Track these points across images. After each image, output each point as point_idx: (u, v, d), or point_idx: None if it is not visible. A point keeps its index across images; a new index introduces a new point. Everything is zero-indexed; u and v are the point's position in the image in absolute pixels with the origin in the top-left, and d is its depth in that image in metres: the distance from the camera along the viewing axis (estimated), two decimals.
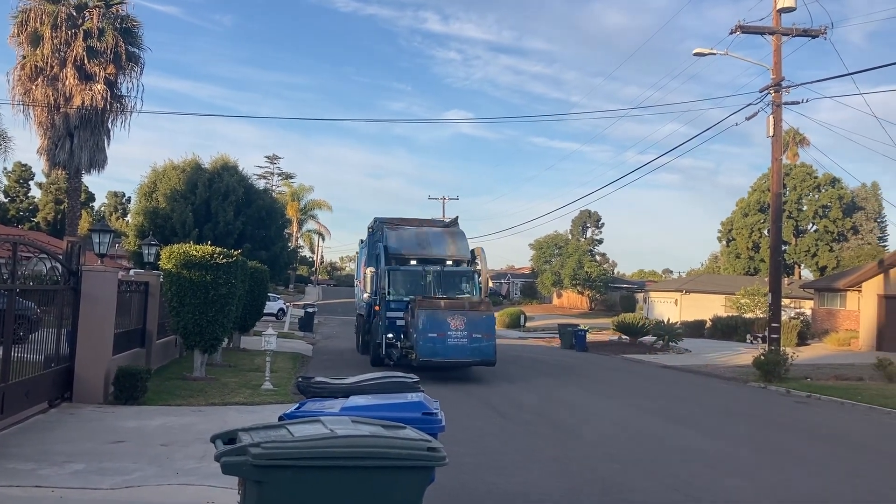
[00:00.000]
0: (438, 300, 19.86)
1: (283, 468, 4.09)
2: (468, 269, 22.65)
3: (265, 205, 47.26)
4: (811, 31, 22.85)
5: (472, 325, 18.82)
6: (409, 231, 23.71)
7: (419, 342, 18.65)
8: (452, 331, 18.63)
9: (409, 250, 22.63)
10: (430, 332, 18.62)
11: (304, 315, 36.96)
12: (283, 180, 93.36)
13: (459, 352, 18.72)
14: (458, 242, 23.64)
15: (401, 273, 21.86)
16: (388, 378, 7.25)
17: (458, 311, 19.05)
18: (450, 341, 18.63)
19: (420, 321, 18.74)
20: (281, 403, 13.10)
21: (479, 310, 19.51)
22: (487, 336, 19.09)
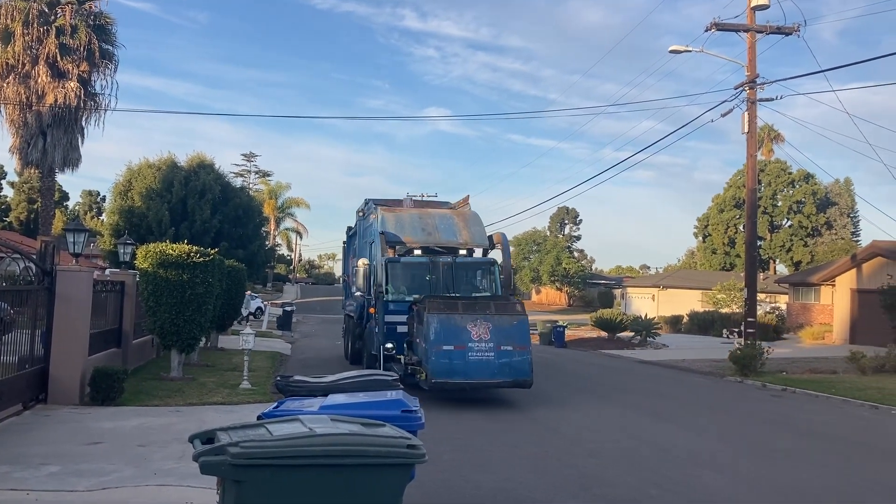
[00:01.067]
0: (455, 301, 15.19)
1: (262, 467, 4.08)
2: (486, 260, 18.60)
3: (242, 203, 46.98)
4: (784, 28, 23.09)
5: (500, 334, 14.36)
6: (411, 214, 19.21)
7: (431, 357, 14.10)
8: (475, 342, 14.14)
9: (411, 237, 18.19)
10: (444, 343, 14.13)
11: (282, 314, 36.78)
12: (260, 178, 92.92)
13: (484, 370, 14.16)
14: (471, 227, 18.99)
15: (402, 266, 17.79)
16: (368, 376, 7.25)
17: (481, 315, 14.54)
18: (472, 356, 14.11)
19: (431, 329, 14.22)
20: (259, 403, 13.05)
21: (510, 312, 14.91)
22: (521, 348, 14.48)
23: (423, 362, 14.47)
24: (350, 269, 22.73)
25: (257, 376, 16.58)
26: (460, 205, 21.13)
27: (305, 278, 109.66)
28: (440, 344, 14.12)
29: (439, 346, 14.11)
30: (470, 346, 14.13)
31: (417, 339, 15.24)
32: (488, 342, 14.19)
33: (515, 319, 14.73)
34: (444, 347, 14.10)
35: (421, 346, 14.80)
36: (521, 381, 14.46)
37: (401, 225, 18.42)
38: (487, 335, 14.21)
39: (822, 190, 67.93)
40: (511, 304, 15.39)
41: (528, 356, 14.48)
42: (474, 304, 15.09)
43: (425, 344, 14.37)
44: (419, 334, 14.99)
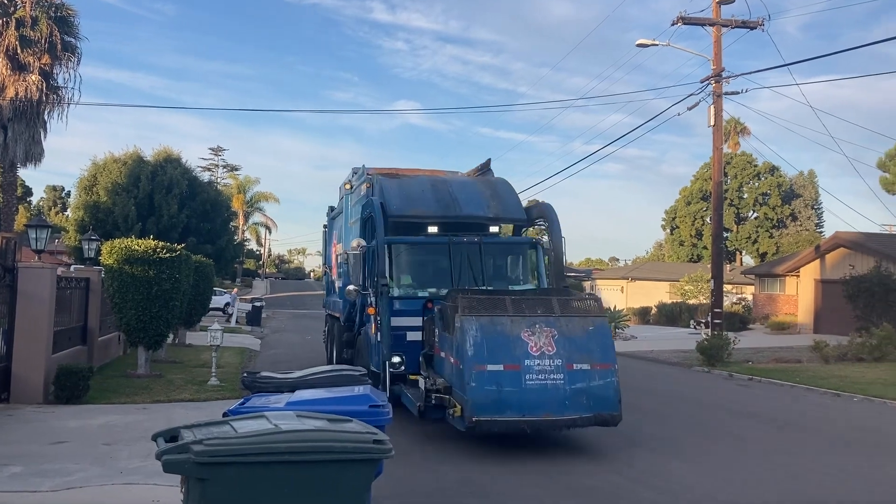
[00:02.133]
0: (499, 297, 10.37)
1: (226, 465, 4.05)
2: (525, 240, 14.14)
3: (210, 198, 46.51)
4: (749, 22, 23.37)
5: (571, 346, 9.71)
6: (420, 181, 14.55)
7: (469, 382, 9.34)
8: (534, 358, 9.51)
9: (422, 210, 13.47)
10: (490, 360, 9.44)
11: (251, 309, 36.50)
12: (228, 172, 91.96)
13: (551, 400, 9.44)
14: (501, 196, 14.11)
15: (412, 249, 13.31)
16: (336, 372, 7.23)
17: (541, 318, 9.85)
18: (531, 380, 9.42)
19: (469, 340, 9.52)
20: (228, 399, 12.94)
21: (583, 312, 10.25)
22: (602, 366, 9.77)
23: (456, 389, 9.63)
24: (332, 259, 18.99)
25: (226, 372, 16.46)
26: (473, 173, 16.48)
27: (275, 273, 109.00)
28: (483, 362, 9.30)
29: (482, 365, 9.29)
30: (528, 366, 9.36)
31: (443, 354, 10.47)
32: (554, 358, 9.48)
33: (591, 323, 9.98)
34: (490, 368, 9.29)
35: (450, 365, 10.01)
36: (606, 415, 9.58)
37: (407, 195, 13.63)
38: (552, 348, 9.52)
39: (787, 182, 68.94)
40: (582, 301, 10.55)
41: (614, 378, 9.68)
42: (529, 301, 10.19)
43: (459, 362, 9.52)
44: (446, 346, 10.24)
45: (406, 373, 11.93)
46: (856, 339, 22.49)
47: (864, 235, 34.44)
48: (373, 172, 14.70)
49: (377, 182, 13.97)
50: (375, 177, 14.28)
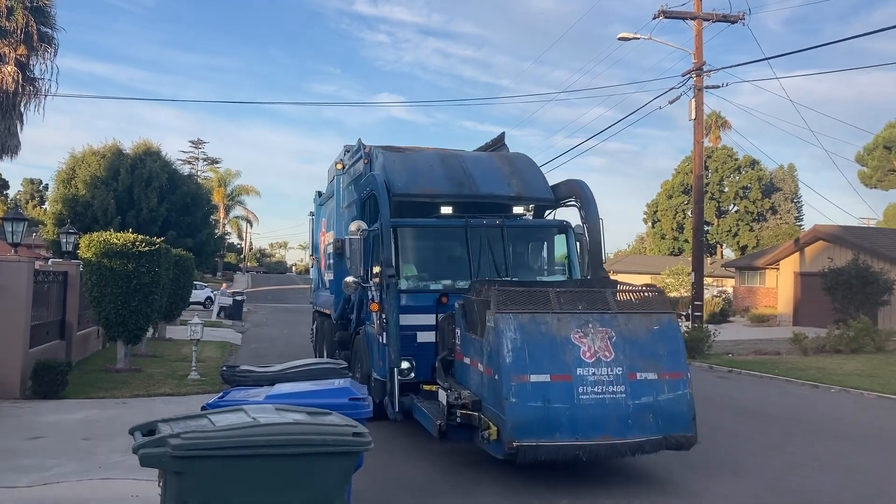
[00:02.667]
0: (540, 289, 8.39)
1: (204, 458, 4.02)
2: (556, 223, 11.89)
3: (190, 191, 46.28)
4: (730, 16, 23.49)
5: (632, 350, 7.90)
6: (428, 156, 12.34)
7: (508, 397, 7.49)
8: (588, 365, 7.71)
9: (433, 188, 11.47)
10: (533, 369, 7.60)
11: (232, 303, 36.31)
12: (208, 166, 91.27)
13: (610, 419, 7.62)
14: (523, 172, 12.17)
15: (422, 233, 11.31)
16: (315, 364, 7.22)
17: (595, 316, 8.01)
18: (585, 393, 7.62)
19: (506, 343, 7.65)
20: (208, 393, 12.86)
21: (645, 307, 8.45)
22: (672, 374, 7.94)
23: (488, 405, 7.73)
24: (321, 249, 17.15)
25: (206, 367, 16.36)
26: (486, 150, 14.30)
27: (256, 267, 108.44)
28: (525, 372, 7.43)
29: (523, 375, 7.41)
30: (581, 376, 7.51)
31: (468, 360, 8.47)
32: (613, 365, 7.64)
33: (657, 320, 8.06)
34: (534, 378, 7.42)
35: (479, 375, 8.06)
36: (679, 437, 7.70)
37: (414, 171, 11.67)
38: (610, 352, 7.69)
39: (767, 176, 69.50)
40: (643, 293, 8.69)
41: (687, 390, 7.80)
42: (577, 294, 8.23)
43: (493, 371, 7.63)
44: (472, 351, 8.29)
45: (416, 381, 9.91)
46: (834, 332, 22.71)
47: (843, 229, 34.79)
48: (370, 148, 12.49)
49: (378, 156, 11.84)
50: (375, 150, 12.13)
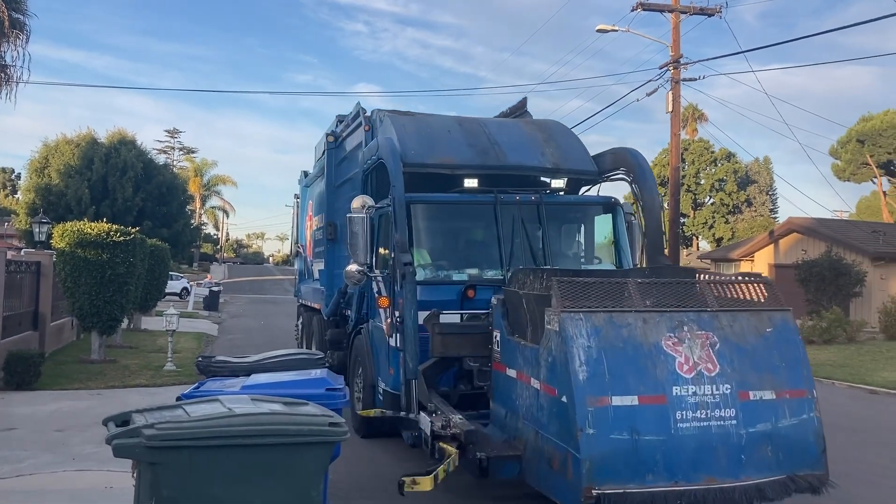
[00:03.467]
0: (619, 281, 6.19)
1: (179, 449, 3.99)
2: (603, 200, 9.85)
3: (166, 181, 45.91)
4: (707, 9, 23.62)
5: (742, 360, 5.79)
6: (444, 120, 10.41)
7: (584, 428, 5.28)
8: (687, 380, 5.58)
9: (451, 157, 9.43)
10: (615, 389, 5.44)
11: (208, 294, 36.07)
12: (184, 155, 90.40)
13: (718, 453, 5.48)
14: (559, 140, 10.22)
15: (443, 212, 9.33)
16: (292, 355, 7.17)
17: (690, 314, 5.88)
18: (684, 419, 5.47)
19: (580, 352, 5.48)
20: (184, 384, 12.77)
21: (752, 304, 6.30)
22: (795, 392, 5.84)
23: (551, 436, 5.73)
24: (307, 235, 15.40)
25: (182, 358, 16.25)
26: (519, 110, 12.11)
27: (233, 258, 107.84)
28: (604, 392, 5.47)
29: (602, 397, 5.46)
30: (678, 397, 5.57)
31: (513, 372, 6.53)
32: (719, 382, 5.69)
33: (769, 321, 6.11)
34: (617, 401, 5.48)
35: (533, 394, 6.08)
36: (807, 477, 5.72)
37: (429, 137, 9.71)
38: (714, 364, 5.73)
39: (743, 168, 70.09)
40: (747, 285, 6.49)
41: (814, 413, 5.89)
42: (663, 287, 6.19)
43: (558, 391, 5.64)
44: (522, 362, 6.34)
45: (440, 390, 7.88)
46: (807, 323, 22.99)
47: (817, 221, 35.18)
48: (373, 112, 10.67)
49: (383, 120, 10.00)
50: (379, 113, 10.31)
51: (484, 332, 7.15)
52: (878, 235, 30.42)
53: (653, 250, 9.10)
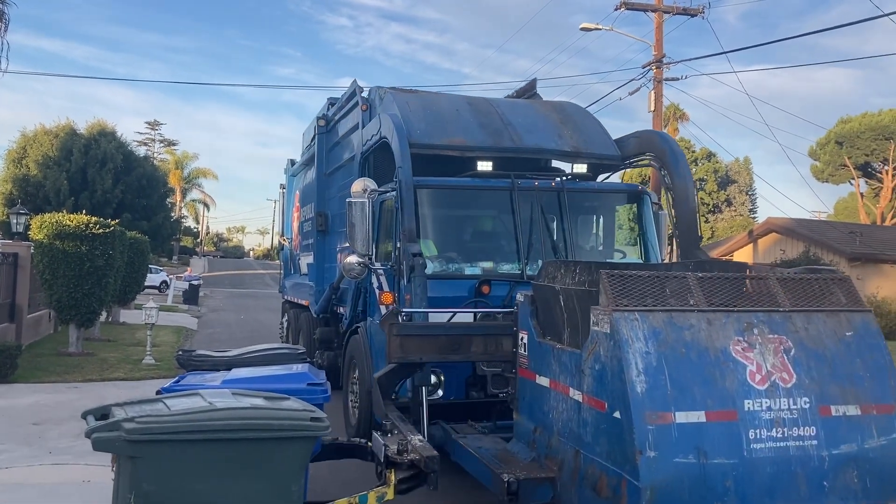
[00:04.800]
0: (677, 275, 5.05)
1: (159, 443, 3.99)
2: (629, 189, 9.45)
3: (146, 173, 45.60)
4: (690, 10, 23.78)
5: (820, 369, 4.85)
6: (453, 99, 9.73)
7: (644, 449, 4.31)
8: (761, 392, 4.64)
9: (461, 139, 8.56)
10: (679, 403, 4.46)
11: (188, 287, 35.84)
12: (165, 147, 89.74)
13: (797, 479, 4.55)
14: (578, 122, 9.46)
15: (454, 198, 8.57)
16: (273, 350, 7.15)
17: (761, 315, 4.92)
18: (757, 438, 4.53)
19: (637, 359, 4.52)
20: (163, 378, 12.72)
21: (828, 304, 5.13)
22: (882, 408, 4.84)
23: (599, 458, 4.79)
24: (293, 227, 14.62)
25: (162, 351, 16.15)
26: (529, 91, 11.25)
27: (213, 251, 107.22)
28: (666, 407, 4.48)
29: (664, 412, 4.46)
30: (751, 412, 4.64)
31: (546, 381, 5.63)
32: (795, 394, 4.78)
33: (848, 324, 5.15)
34: (681, 418, 4.48)
35: (575, 408, 5.16)
36: None
37: (437, 115, 8.89)
38: (790, 373, 4.82)
39: (723, 168, 70.62)
40: (821, 282, 5.32)
41: None
42: (727, 282, 5.15)
43: (611, 405, 4.68)
44: (564, 370, 5.36)
45: (445, 401, 7.31)
46: None
47: (795, 221, 35.54)
48: (372, 90, 9.93)
49: (385, 97, 9.23)
50: (380, 91, 9.52)
51: (460, 334, 6.50)
52: (855, 236, 30.79)
53: (687, 243, 8.29)
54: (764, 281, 5.29)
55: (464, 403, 7.23)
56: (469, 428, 6.81)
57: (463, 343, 6.38)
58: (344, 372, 9.47)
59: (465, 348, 6.39)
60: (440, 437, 6.69)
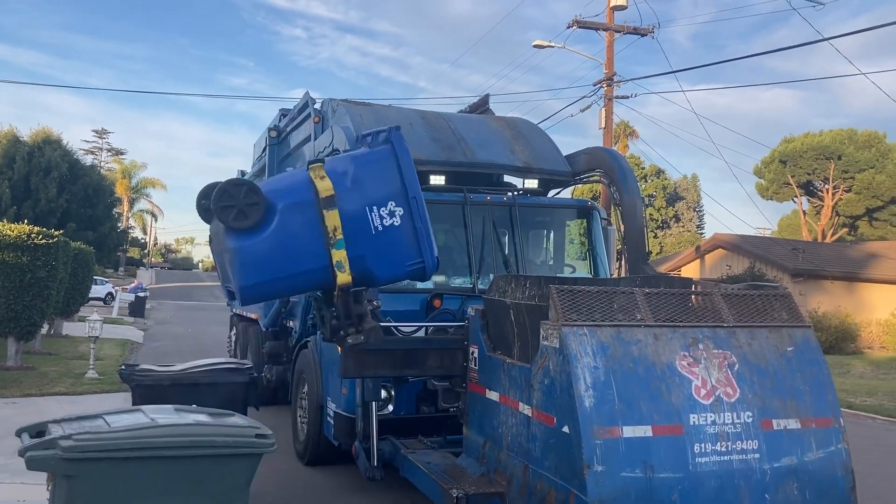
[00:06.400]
0: (624, 290, 5.25)
1: (97, 461, 3.86)
2: (579, 203, 9.55)
3: (92, 182, 44.72)
4: (641, 29, 24.24)
5: (763, 384, 5.07)
6: (405, 113, 9.57)
7: (592, 463, 4.46)
8: (706, 407, 4.85)
9: (416, 153, 7.30)
10: (626, 417, 4.63)
11: (134, 299, 35.10)
12: (113, 157, 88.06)
13: (739, 491, 4.77)
14: (529, 138, 9.47)
15: None
16: (219, 364, 7.02)
17: (706, 330, 5.13)
18: (702, 452, 4.73)
19: (585, 374, 4.66)
20: (107, 393, 12.46)
21: (769, 320, 5.37)
22: (821, 421, 5.13)
23: (547, 472, 4.89)
24: None
25: (105, 365, 15.75)
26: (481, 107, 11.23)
27: (161, 263, 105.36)
28: (614, 422, 4.63)
29: (612, 427, 4.62)
30: (696, 427, 4.81)
31: (495, 396, 5.73)
32: (739, 409, 4.97)
33: (790, 339, 5.35)
34: (628, 432, 4.63)
35: (524, 423, 5.23)
36: None
37: None
38: (734, 388, 5.01)
39: (672, 185, 72.03)
40: (763, 298, 5.51)
41: (842, 444, 5.17)
42: (673, 298, 5.32)
43: (560, 419, 4.77)
44: (514, 384, 5.44)
45: (395, 417, 7.26)
46: None
47: (741, 238, 36.35)
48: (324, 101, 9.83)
49: (337, 110, 9.16)
50: (332, 103, 9.42)
51: (417, 348, 6.54)
52: (798, 253, 31.64)
53: (635, 258, 8.44)
54: (709, 297, 5.40)
55: (414, 418, 7.22)
56: (419, 443, 6.81)
57: (419, 357, 6.40)
58: (293, 387, 9.36)
59: (421, 363, 6.40)
60: (389, 453, 6.74)
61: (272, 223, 5.18)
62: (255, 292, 5.44)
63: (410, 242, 5.63)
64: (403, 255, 5.63)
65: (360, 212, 5.33)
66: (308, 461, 8.52)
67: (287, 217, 5.23)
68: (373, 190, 5.48)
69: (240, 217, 5.09)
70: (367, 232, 5.39)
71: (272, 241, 5.19)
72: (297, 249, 5.23)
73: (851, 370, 21.30)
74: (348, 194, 5.33)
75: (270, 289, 5.49)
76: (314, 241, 5.24)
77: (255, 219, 5.13)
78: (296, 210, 5.25)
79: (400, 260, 5.64)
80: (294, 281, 5.43)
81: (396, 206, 5.53)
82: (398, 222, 5.51)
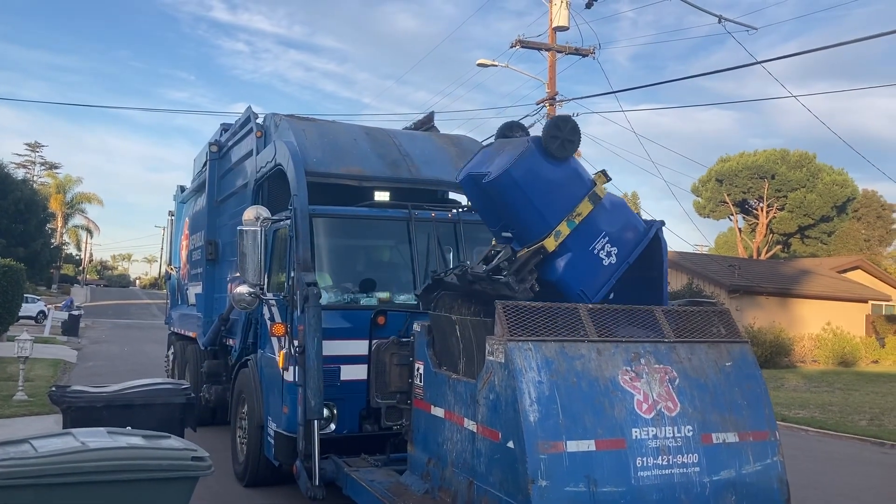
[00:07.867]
0: (568, 308, 5.24)
1: (23, 488, 3.70)
2: None
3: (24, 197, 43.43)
4: (582, 50, 24.67)
5: (703, 398, 5.17)
6: (350, 129, 9.55)
7: (536, 479, 4.45)
8: (647, 421, 4.91)
9: (358, 168, 8.62)
10: (570, 432, 4.65)
11: (68, 318, 34.04)
12: (46, 171, 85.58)
13: None
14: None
15: (350, 227, 8.32)
16: (156, 385, 6.83)
17: (647, 346, 5.21)
18: (644, 465, 4.79)
19: (530, 389, 4.66)
20: (37, 415, 12.00)
21: (708, 335, 5.50)
22: (758, 435, 5.24)
23: (491, 488, 4.90)
24: (181, 255, 14.20)
25: (35, 386, 15.18)
26: (427, 124, 11.26)
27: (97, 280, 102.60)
28: (558, 436, 4.63)
29: (556, 441, 4.61)
30: (638, 441, 4.87)
31: (440, 412, 5.69)
32: (680, 423, 5.05)
33: (728, 354, 5.49)
34: (572, 447, 4.64)
35: (470, 438, 5.22)
36: None
37: (333, 144, 8.83)
38: (674, 403, 5.10)
39: None
40: (702, 314, 5.65)
41: (777, 457, 5.31)
42: (616, 314, 5.39)
43: (505, 435, 4.77)
44: (459, 400, 5.43)
45: (337, 435, 7.15)
46: None
47: (679, 255, 37.08)
48: (266, 117, 9.71)
49: (280, 124, 9.03)
50: (275, 118, 9.29)
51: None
52: (734, 269, 32.48)
53: None
54: (650, 312, 5.48)
55: (357, 436, 7.14)
56: (362, 461, 6.77)
57: None
58: (232, 407, 9.16)
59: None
60: (332, 472, 6.68)
61: (568, 167, 5.81)
62: (513, 180, 5.65)
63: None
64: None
65: (596, 231, 5.80)
66: (248, 482, 8.30)
67: (572, 179, 5.82)
68: (611, 226, 5.99)
69: (561, 148, 5.72)
70: (588, 246, 5.80)
71: (560, 175, 5.73)
72: (560, 197, 5.68)
73: (785, 383, 21.86)
74: (608, 216, 5.90)
75: (524, 190, 5.68)
76: (568, 203, 5.68)
77: (570, 153, 5.82)
78: (578, 180, 5.86)
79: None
80: (542, 205, 5.71)
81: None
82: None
